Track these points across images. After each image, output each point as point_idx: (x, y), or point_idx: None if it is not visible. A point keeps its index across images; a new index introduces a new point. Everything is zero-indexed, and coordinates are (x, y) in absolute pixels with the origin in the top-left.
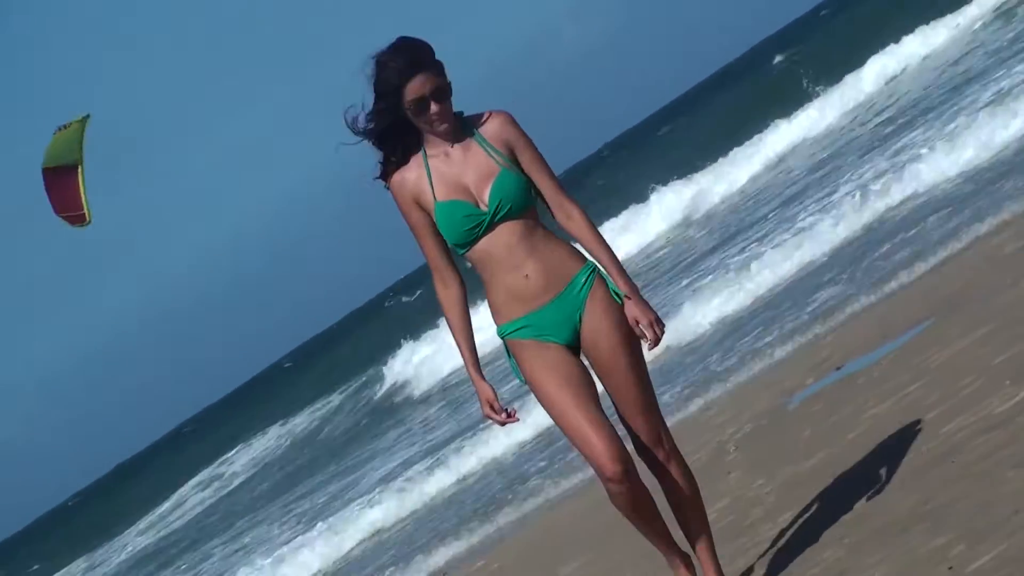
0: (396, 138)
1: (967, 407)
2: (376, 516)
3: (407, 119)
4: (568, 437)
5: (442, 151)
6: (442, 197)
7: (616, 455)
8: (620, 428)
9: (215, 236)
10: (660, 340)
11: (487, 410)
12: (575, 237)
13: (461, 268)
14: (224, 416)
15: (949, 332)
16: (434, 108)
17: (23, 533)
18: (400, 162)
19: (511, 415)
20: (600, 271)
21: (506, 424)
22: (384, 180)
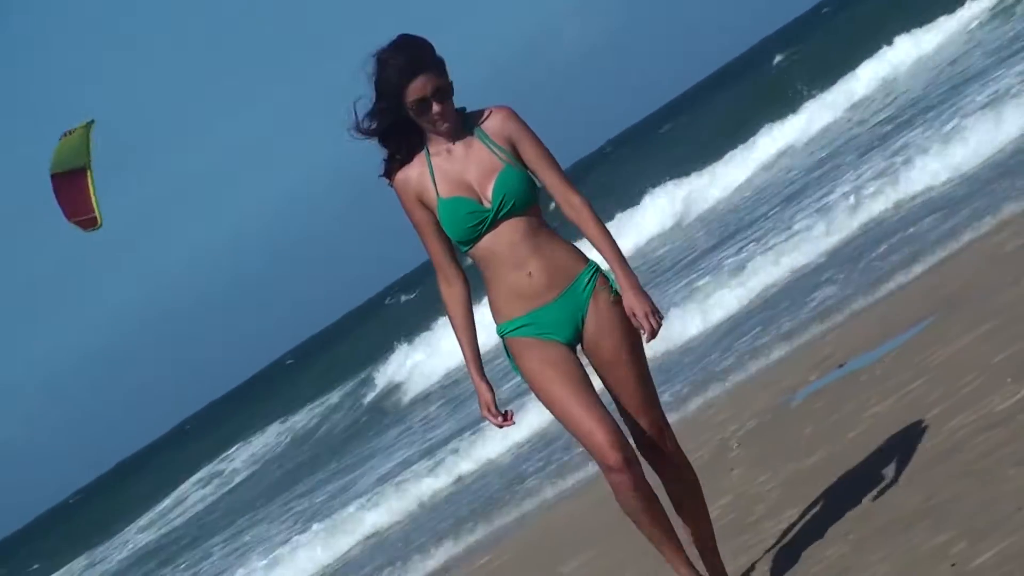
0: (399, 137)
1: (969, 405)
2: (376, 515)
3: (409, 118)
4: (569, 430)
5: (445, 148)
6: (445, 194)
7: (617, 443)
8: (622, 426)
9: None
10: (657, 332)
11: (485, 411)
12: (580, 229)
13: (465, 267)
14: (225, 413)
15: (950, 330)
16: (436, 108)
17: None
18: (404, 160)
19: (508, 418)
20: (603, 271)
21: (503, 427)
22: (388, 178)
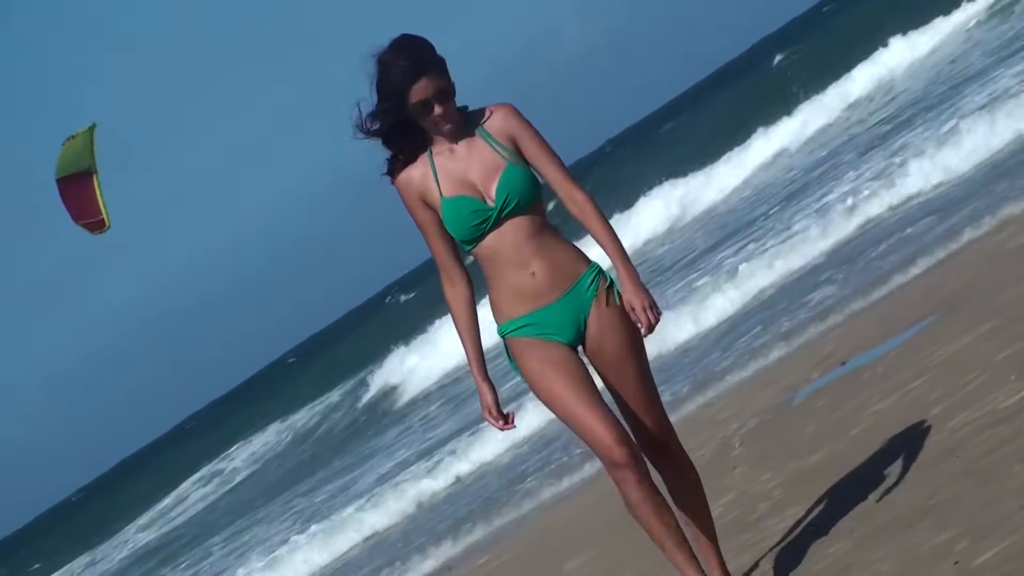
0: (401, 137)
1: (971, 403)
2: (376, 515)
3: (411, 118)
4: (572, 429)
5: (447, 148)
6: (448, 193)
7: (622, 440)
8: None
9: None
10: (655, 327)
11: (486, 414)
12: (583, 225)
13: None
14: (227, 412)
15: (952, 328)
16: (438, 110)
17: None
18: (406, 160)
19: (509, 421)
20: (606, 272)
21: (504, 430)
22: (390, 177)
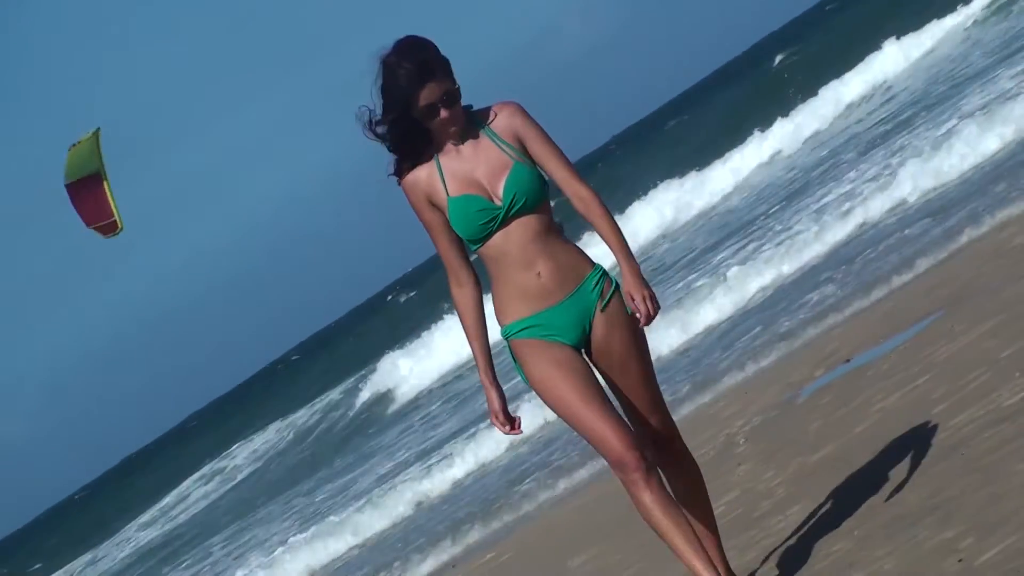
0: (408, 139)
1: (975, 400)
2: (378, 514)
3: (417, 120)
4: (580, 432)
5: (453, 148)
6: (454, 193)
7: (632, 443)
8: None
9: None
10: (653, 318)
11: (493, 418)
12: (588, 221)
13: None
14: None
15: (957, 325)
16: (444, 114)
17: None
18: (413, 162)
19: (516, 426)
20: (610, 275)
21: (511, 435)
22: (397, 178)
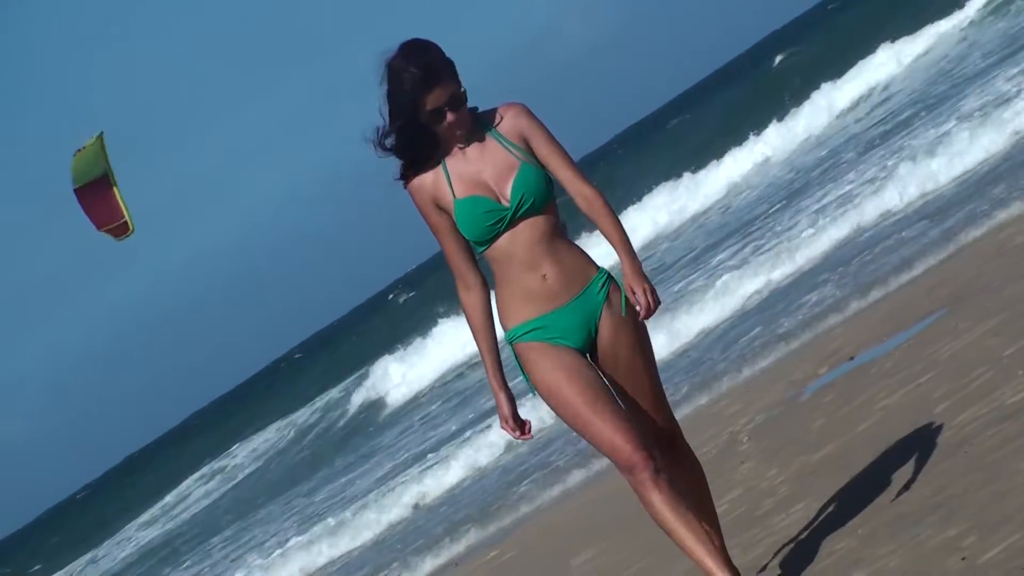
0: (414, 144)
1: (979, 398)
2: (380, 513)
3: (423, 124)
4: (587, 438)
5: (459, 150)
6: (461, 194)
7: (640, 443)
8: None
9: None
10: (653, 311)
11: (503, 423)
12: (592, 220)
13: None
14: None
15: (960, 323)
16: (450, 118)
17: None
18: (419, 166)
19: (527, 430)
20: (615, 279)
21: (521, 439)
22: (403, 181)
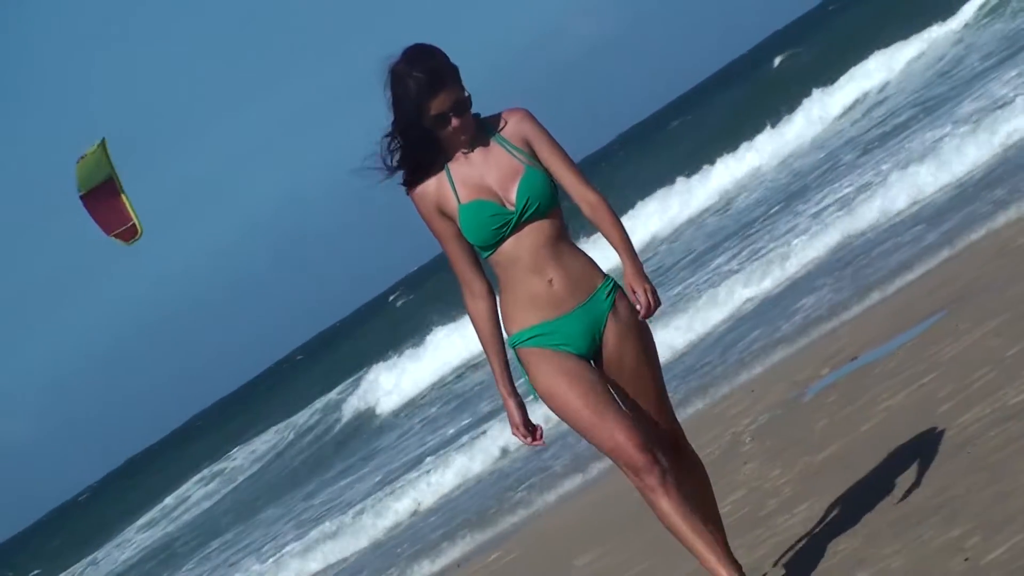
0: (418, 149)
1: (981, 398)
2: (383, 514)
3: (426, 129)
4: (592, 442)
5: (462, 156)
6: (466, 199)
7: (644, 445)
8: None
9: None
10: (653, 311)
11: (514, 430)
12: (595, 225)
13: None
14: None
15: (962, 324)
16: (455, 123)
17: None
18: (423, 173)
19: (538, 436)
20: (621, 287)
21: (533, 446)
22: (407, 189)
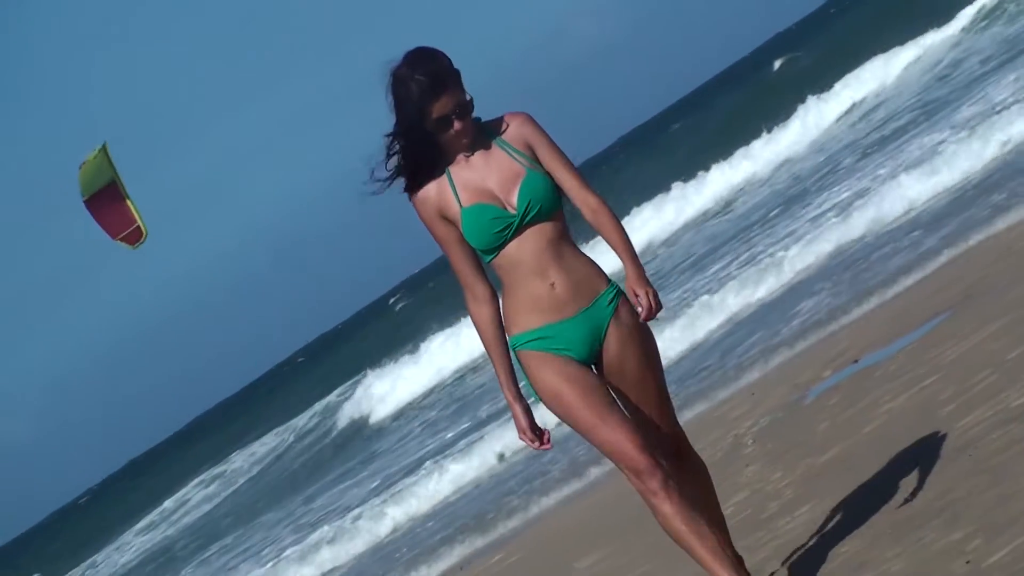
0: (419, 153)
1: (983, 401)
2: (384, 516)
3: (427, 132)
4: (595, 445)
5: (463, 159)
6: (467, 203)
7: (646, 448)
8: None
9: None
10: (654, 314)
11: (521, 435)
12: (597, 228)
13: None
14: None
15: (964, 326)
16: (457, 126)
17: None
18: (424, 177)
19: (545, 440)
20: (624, 293)
21: (540, 449)
22: (409, 194)
